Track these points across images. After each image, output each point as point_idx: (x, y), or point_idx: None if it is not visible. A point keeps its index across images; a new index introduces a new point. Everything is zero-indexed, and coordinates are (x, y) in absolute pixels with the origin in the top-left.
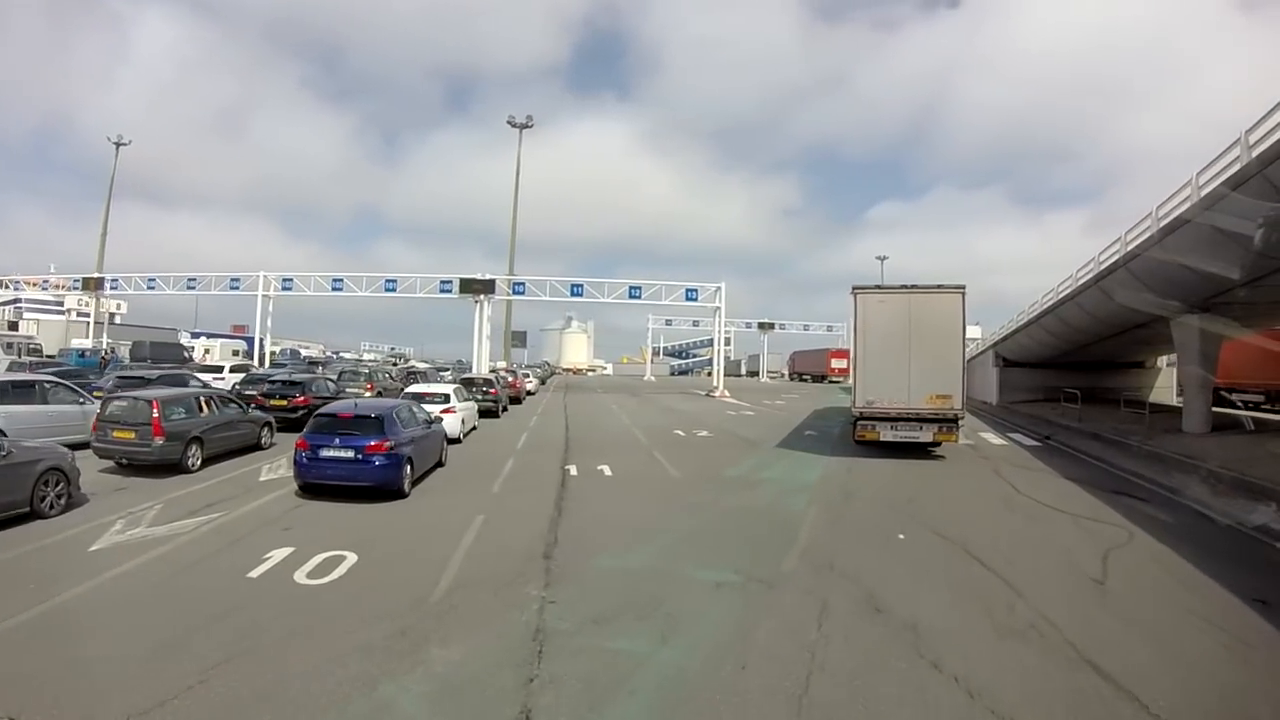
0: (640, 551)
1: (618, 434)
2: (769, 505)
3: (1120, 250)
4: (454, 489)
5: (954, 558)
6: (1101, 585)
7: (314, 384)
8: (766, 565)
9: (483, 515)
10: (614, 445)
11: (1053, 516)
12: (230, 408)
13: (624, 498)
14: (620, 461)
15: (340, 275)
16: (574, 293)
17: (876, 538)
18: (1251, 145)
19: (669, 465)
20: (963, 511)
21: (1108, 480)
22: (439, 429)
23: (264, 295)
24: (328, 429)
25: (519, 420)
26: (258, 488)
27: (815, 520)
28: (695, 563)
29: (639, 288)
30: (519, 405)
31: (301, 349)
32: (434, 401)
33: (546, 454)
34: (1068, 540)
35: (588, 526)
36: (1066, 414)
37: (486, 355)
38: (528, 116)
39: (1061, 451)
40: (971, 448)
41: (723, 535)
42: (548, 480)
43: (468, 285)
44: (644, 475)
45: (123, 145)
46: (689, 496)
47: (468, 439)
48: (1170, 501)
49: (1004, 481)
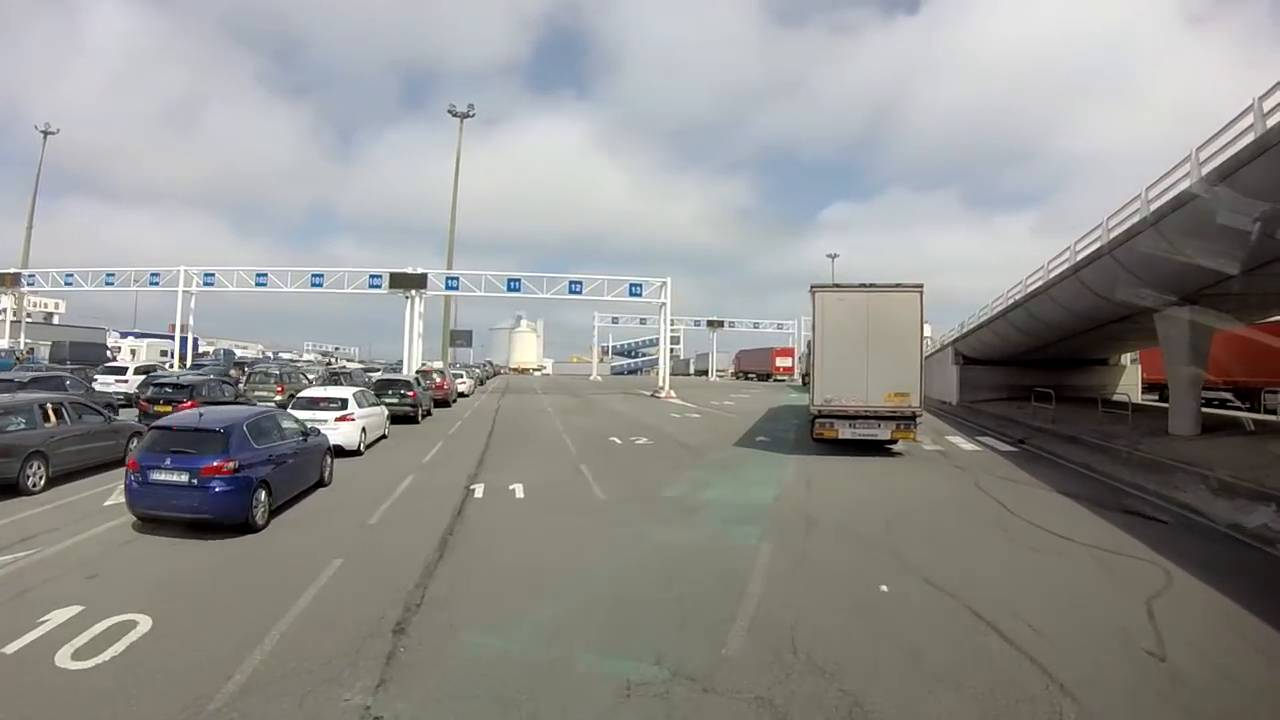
0: (530, 620)
1: (545, 441)
2: (710, 541)
3: (1103, 237)
4: (323, 519)
5: (960, 624)
6: (1163, 663)
7: (204, 387)
8: (702, 646)
9: (341, 559)
10: (537, 456)
11: (1063, 549)
12: (91, 417)
13: (530, 530)
14: (538, 477)
15: (265, 270)
16: (511, 288)
17: (852, 591)
18: (1266, 114)
19: (595, 483)
20: (953, 544)
21: (1107, 495)
22: (319, 442)
23: (185, 291)
24: (160, 446)
25: (439, 427)
26: (96, 515)
27: (769, 564)
28: (602, 642)
29: (579, 283)
30: (446, 409)
31: (238, 349)
32: (329, 408)
33: (454, 468)
34: (1093, 585)
35: (470, 577)
36: (1038, 414)
37: (418, 354)
38: (469, 106)
39: (1041, 458)
40: (942, 454)
41: (646, 592)
42: (443, 505)
43: (398, 280)
44: (563, 497)
45: (50, 134)
46: (612, 528)
47: (371, 450)
48: (1192, 523)
49: (989, 498)
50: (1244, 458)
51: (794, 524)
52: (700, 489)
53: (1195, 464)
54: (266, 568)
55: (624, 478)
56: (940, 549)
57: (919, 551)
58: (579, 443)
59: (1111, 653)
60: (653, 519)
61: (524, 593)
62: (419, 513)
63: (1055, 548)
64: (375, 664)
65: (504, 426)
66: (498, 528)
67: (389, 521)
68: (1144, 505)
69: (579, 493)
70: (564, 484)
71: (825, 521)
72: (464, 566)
